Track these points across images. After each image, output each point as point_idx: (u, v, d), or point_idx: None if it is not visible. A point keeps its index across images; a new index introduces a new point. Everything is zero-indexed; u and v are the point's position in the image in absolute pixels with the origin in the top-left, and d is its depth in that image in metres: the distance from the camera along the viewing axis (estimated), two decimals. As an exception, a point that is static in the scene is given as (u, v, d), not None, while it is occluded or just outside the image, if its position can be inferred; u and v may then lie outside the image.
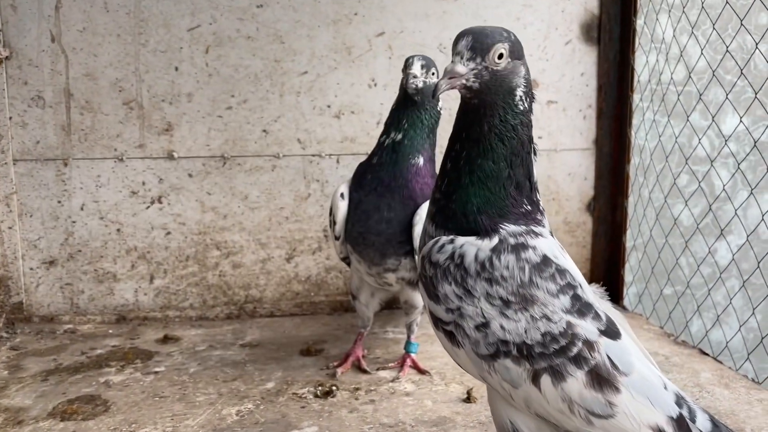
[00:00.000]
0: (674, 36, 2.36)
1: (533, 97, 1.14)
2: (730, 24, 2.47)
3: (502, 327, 1.05)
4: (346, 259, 1.93)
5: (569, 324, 1.05)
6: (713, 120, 2.24)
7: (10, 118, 2.17)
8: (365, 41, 2.31)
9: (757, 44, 1.91)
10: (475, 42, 1.08)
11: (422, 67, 1.71)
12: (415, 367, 1.90)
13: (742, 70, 2.02)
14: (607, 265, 2.55)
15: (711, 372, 1.85)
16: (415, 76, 1.68)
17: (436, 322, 1.13)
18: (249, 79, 2.27)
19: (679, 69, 2.45)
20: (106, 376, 1.87)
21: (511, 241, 1.09)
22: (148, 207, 2.28)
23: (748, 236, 2.05)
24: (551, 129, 2.47)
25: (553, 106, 2.46)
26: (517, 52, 1.11)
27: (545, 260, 1.09)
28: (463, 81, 1.09)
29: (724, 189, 2.27)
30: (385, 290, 1.92)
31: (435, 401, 1.70)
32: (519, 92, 1.11)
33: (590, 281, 2.55)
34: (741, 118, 2.07)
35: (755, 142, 1.98)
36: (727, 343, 2.08)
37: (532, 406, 1.07)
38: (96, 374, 1.89)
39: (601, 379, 1.03)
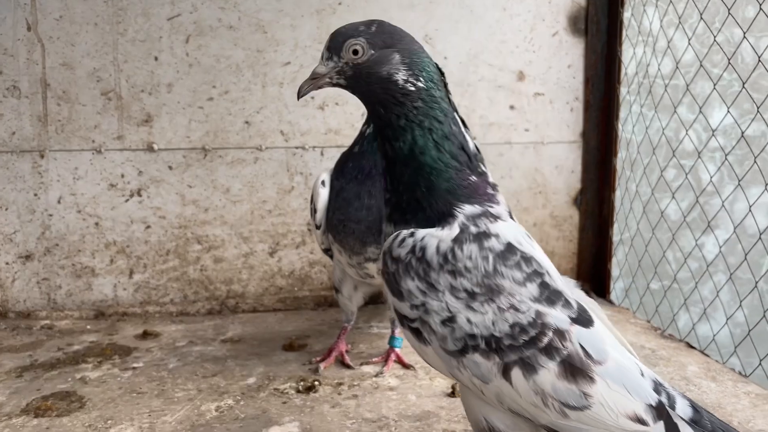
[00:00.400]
0: (661, 28, 2.35)
1: (427, 76, 1.12)
2: (717, 17, 2.46)
3: (468, 320, 1.02)
4: (328, 251, 1.90)
5: (538, 313, 1.02)
6: (701, 113, 2.23)
7: (-15, 108, 2.13)
8: (349, 31, 2.28)
9: (744, 34, 1.89)
10: (331, 42, 1.14)
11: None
12: (400, 361, 1.87)
13: (729, 60, 2.00)
14: (594, 259, 2.54)
15: (698, 365, 1.84)
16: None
17: (402, 319, 1.10)
18: (231, 69, 2.23)
19: (667, 62, 2.44)
20: (83, 372, 1.83)
21: (473, 229, 1.06)
22: (128, 200, 2.24)
23: (735, 229, 2.04)
24: (538, 121, 2.45)
25: (540, 98, 2.44)
26: (382, 42, 1.12)
27: (509, 248, 1.06)
28: (327, 80, 1.16)
29: (711, 182, 2.26)
30: (368, 284, 1.89)
31: (419, 396, 1.68)
32: (399, 77, 1.10)
33: (577, 276, 2.56)
34: (728, 109, 2.06)
35: (742, 134, 1.97)
36: (714, 336, 2.07)
37: (504, 401, 1.03)
38: (72, 370, 1.85)
39: (575, 370, 1.00)
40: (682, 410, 1.02)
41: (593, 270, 2.54)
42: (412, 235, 1.08)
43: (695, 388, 1.69)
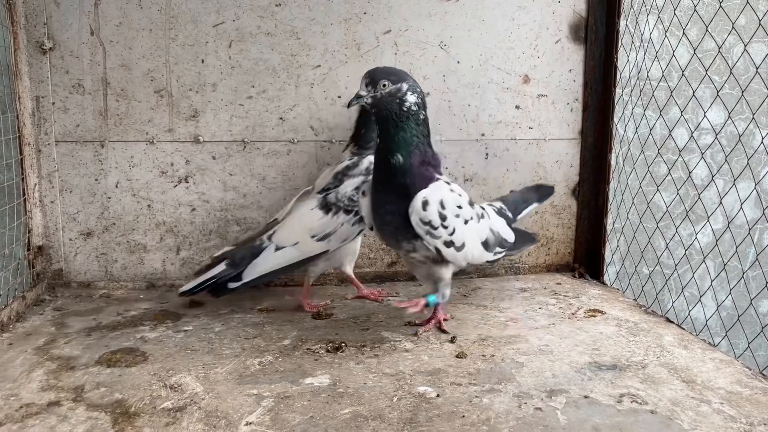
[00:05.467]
0: (650, 36, 2.59)
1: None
2: (709, 24, 2.70)
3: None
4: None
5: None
6: (681, 113, 2.48)
7: (53, 103, 2.42)
8: (373, 38, 2.55)
9: (746, 45, 2.14)
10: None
11: (367, 85, 1.91)
12: (440, 327, 2.16)
13: (712, 61, 2.25)
14: (589, 245, 2.80)
15: (673, 336, 2.10)
16: (359, 96, 1.91)
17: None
18: (268, 71, 2.51)
19: (660, 66, 2.69)
20: (142, 333, 2.12)
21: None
22: (176, 186, 2.53)
23: (708, 218, 2.29)
24: (541, 120, 2.71)
25: (543, 99, 2.70)
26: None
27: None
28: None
29: (691, 177, 2.51)
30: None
31: (431, 356, 1.95)
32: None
33: (574, 260, 2.84)
34: (730, 111, 2.30)
35: (741, 135, 2.22)
36: (689, 312, 2.34)
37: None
38: (132, 331, 2.14)
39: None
40: None
41: (589, 255, 2.81)
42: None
43: (668, 354, 1.96)
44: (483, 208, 2.15)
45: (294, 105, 2.54)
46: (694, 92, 2.32)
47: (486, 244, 2.11)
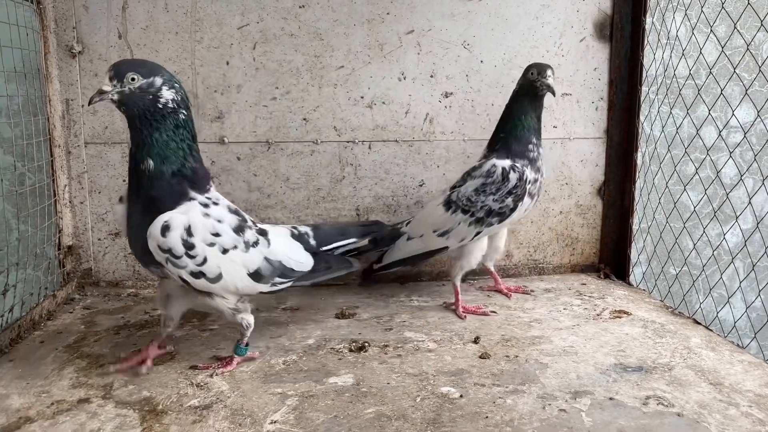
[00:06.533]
0: (677, 34, 2.55)
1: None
2: (737, 21, 2.65)
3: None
4: None
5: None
6: (714, 112, 2.45)
7: (83, 106, 2.46)
8: (396, 38, 2.55)
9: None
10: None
11: (111, 78, 1.63)
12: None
13: (741, 58, 2.21)
14: (615, 246, 2.77)
15: (701, 338, 2.07)
16: (102, 92, 1.62)
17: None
18: (291, 72, 2.53)
19: (687, 64, 2.65)
20: (169, 331, 2.16)
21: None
22: (202, 186, 2.56)
23: (737, 218, 2.26)
24: (565, 119, 2.69)
25: (568, 98, 2.68)
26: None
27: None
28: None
29: (719, 176, 2.47)
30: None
31: (454, 357, 1.95)
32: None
33: (600, 260, 2.82)
34: (758, 109, 2.27)
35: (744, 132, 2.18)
36: (717, 314, 2.30)
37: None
38: (159, 330, 2.17)
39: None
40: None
41: (614, 255, 2.78)
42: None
43: (695, 356, 1.93)
44: (263, 233, 1.89)
45: (317, 106, 2.56)
46: (722, 90, 2.28)
47: (257, 275, 1.84)
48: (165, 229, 1.64)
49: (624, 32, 2.64)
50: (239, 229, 1.80)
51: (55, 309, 2.33)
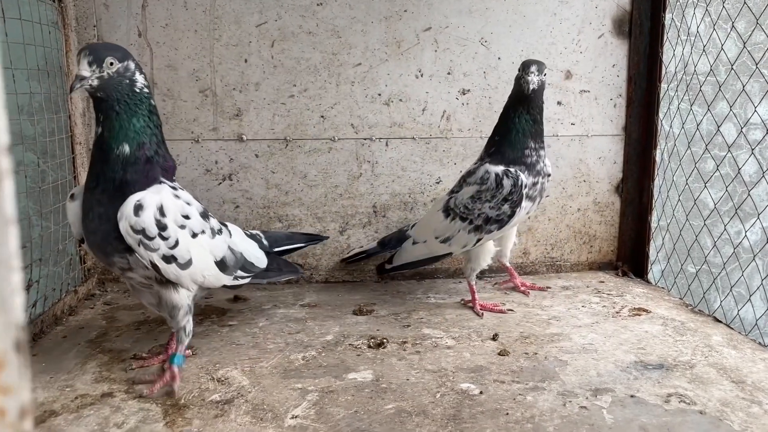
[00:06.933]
0: (698, 30, 2.53)
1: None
2: (759, 17, 2.63)
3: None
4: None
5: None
6: (735, 109, 2.42)
7: (103, 103, 2.48)
8: (413, 35, 2.56)
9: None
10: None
11: (90, 63, 1.57)
12: (174, 380, 1.70)
13: (763, 55, 2.19)
14: (633, 243, 2.76)
15: (722, 336, 2.06)
16: (82, 78, 1.55)
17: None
18: (309, 70, 2.54)
19: (707, 60, 2.63)
20: (189, 327, 2.18)
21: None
22: (220, 183, 2.58)
23: (757, 216, 2.24)
24: (583, 116, 2.68)
25: (586, 95, 2.67)
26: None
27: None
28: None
29: (740, 173, 2.45)
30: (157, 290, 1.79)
31: (473, 353, 1.95)
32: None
33: (618, 258, 2.80)
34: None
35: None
36: (737, 312, 2.28)
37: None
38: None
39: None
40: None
41: (632, 253, 2.76)
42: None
43: (717, 354, 1.92)
44: (224, 225, 1.90)
45: (335, 103, 2.56)
46: (744, 87, 2.26)
47: (223, 264, 1.82)
48: (138, 208, 1.59)
49: (643, 28, 2.62)
50: (204, 215, 1.79)
51: (76, 304, 2.36)
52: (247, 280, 1.95)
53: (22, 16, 2.04)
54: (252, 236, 2.09)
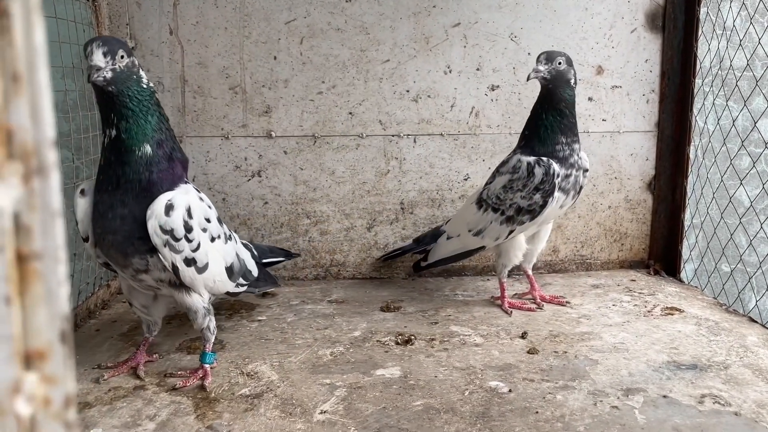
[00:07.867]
0: (734, 23, 2.47)
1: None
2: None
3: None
4: (107, 265, 1.78)
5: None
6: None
7: (135, 101, 2.52)
8: (442, 31, 2.54)
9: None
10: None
11: (105, 54, 1.50)
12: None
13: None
14: (665, 241, 2.71)
15: (757, 336, 2.01)
16: (98, 68, 1.48)
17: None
18: (338, 66, 2.54)
19: (743, 55, 2.57)
20: (218, 321, 2.16)
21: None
22: (249, 180, 2.60)
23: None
24: (615, 112, 2.64)
25: (617, 90, 2.62)
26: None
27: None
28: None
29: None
30: (163, 295, 1.80)
31: (501, 351, 1.94)
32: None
33: (649, 256, 2.76)
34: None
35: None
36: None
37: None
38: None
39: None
40: None
41: (665, 251, 2.71)
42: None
43: (752, 354, 1.88)
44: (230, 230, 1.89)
45: (363, 100, 2.57)
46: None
47: (230, 271, 1.80)
48: (169, 208, 1.56)
49: (677, 23, 2.57)
50: (219, 220, 1.78)
51: (109, 299, 2.40)
52: (244, 288, 1.94)
53: (57, 15, 2.07)
54: (245, 245, 2.07)
